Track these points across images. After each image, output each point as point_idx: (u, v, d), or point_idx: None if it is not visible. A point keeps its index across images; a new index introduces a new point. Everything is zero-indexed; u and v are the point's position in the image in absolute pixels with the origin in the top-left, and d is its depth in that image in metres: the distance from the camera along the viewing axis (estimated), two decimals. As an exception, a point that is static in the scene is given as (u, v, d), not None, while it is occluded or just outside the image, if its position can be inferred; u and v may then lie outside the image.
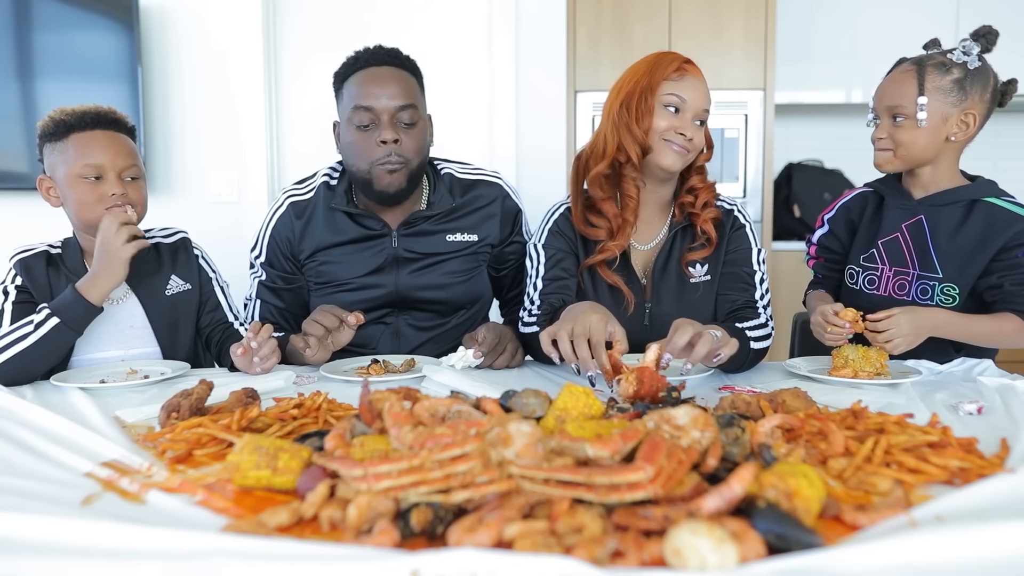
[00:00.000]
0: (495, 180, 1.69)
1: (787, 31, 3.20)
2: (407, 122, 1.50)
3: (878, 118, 1.39)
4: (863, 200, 1.52)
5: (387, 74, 1.51)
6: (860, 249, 1.48)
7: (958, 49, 1.35)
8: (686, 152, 1.44)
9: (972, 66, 1.33)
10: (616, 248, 1.47)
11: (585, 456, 0.67)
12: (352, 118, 1.50)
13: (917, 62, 1.35)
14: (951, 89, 1.33)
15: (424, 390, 1.24)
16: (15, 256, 1.46)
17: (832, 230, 1.57)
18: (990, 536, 0.59)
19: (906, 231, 1.38)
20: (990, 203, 1.35)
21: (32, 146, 1.50)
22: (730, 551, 0.54)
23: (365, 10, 3.22)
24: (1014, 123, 3.67)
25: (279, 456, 0.75)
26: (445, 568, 0.53)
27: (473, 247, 1.64)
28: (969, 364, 1.36)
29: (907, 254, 1.37)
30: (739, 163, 3.05)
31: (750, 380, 1.31)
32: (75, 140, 1.41)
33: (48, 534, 0.63)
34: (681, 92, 1.42)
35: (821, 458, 0.81)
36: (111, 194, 1.40)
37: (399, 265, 1.60)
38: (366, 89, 1.49)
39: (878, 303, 1.38)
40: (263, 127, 3.17)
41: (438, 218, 1.61)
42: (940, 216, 1.36)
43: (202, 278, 1.58)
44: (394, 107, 1.48)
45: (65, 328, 1.32)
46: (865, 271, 1.43)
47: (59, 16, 2.99)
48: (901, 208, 1.42)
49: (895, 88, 1.35)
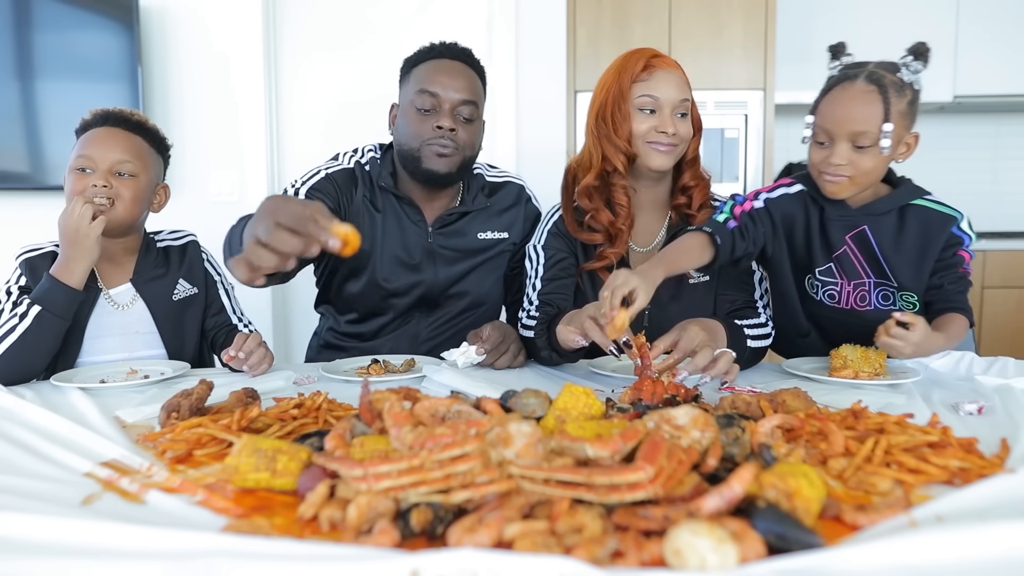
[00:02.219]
0: (519, 183, 1.76)
1: (787, 31, 3.20)
2: (467, 117, 1.55)
3: (827, 141, 1.26)
4: (803, 205, 1.38)
5: (458, 68, 1.55)
6: (808, 260, 1.38)
7: (906, 69, 1.24)
8: (672, 148, 1.43)
9: (918, 87, 1.25)
10: (614, 255, 1.47)
11: (585, 456, 0.67)
12: (415, 100, 1.53)
13: (877, 82, 1.22)
14: (907, 112, 1.25)
15: (424, 390, 1.24)
16: (21, 255, 1.46)
17: (768, 210, 1.39)
18: (990, 536, 0.59)
19: (851, 243, 1.33)
20: (919, 206, 1.32)
21: (32, 146, 1.52)
22: (730, 551, 0.54)
23: (365, 10, 3.22)
24: (1014, 123, 3.67)
25: (278, 458, 0.75)
26: (445, 568, 0.53)
27: (502, 244, 1.69)
28: (955, 357, 1.38)
29: (859, 267, 1.32)
30: (739, 163, 3.05)
31: (750, 380, 1.31)
32: (83, 136, 1.45)
33: (48, 534, 0.63)
34: (652, 91, 1.41)
35: (821, 458, 0.81)
36: (92, 185, 1.40)
37: (435, 261, 1.64)
38: (435, 76, 1.53)
39: (841, 315, 1.36)
40: (263, 127, 3.17)
41: (471, 216, 1.66)
42: (880, 225, 1.31)
43: (208, 281, 1.58)
44: (458, 99, 1.53)
45: (49, 315, 1.32)
46: (825, 286, 1.37)
47: (59, 16, 2.98)
48: (841, 220, 1.34)
49: (861, 112, 1.22)
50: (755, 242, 1.37)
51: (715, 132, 3.01)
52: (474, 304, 1.69)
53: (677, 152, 1.45)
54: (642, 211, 1.52)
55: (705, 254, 1.33)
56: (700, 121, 1.51)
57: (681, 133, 1.43)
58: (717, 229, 1.35)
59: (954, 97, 3.31)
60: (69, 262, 1.35)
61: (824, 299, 1.36)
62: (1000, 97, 3.35)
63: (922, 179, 1.38)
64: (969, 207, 3.56)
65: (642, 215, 1.53)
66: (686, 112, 1.44)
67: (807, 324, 1.42)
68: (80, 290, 1.35)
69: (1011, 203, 3.71)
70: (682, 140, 1.44)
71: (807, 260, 1.37)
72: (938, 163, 3.66)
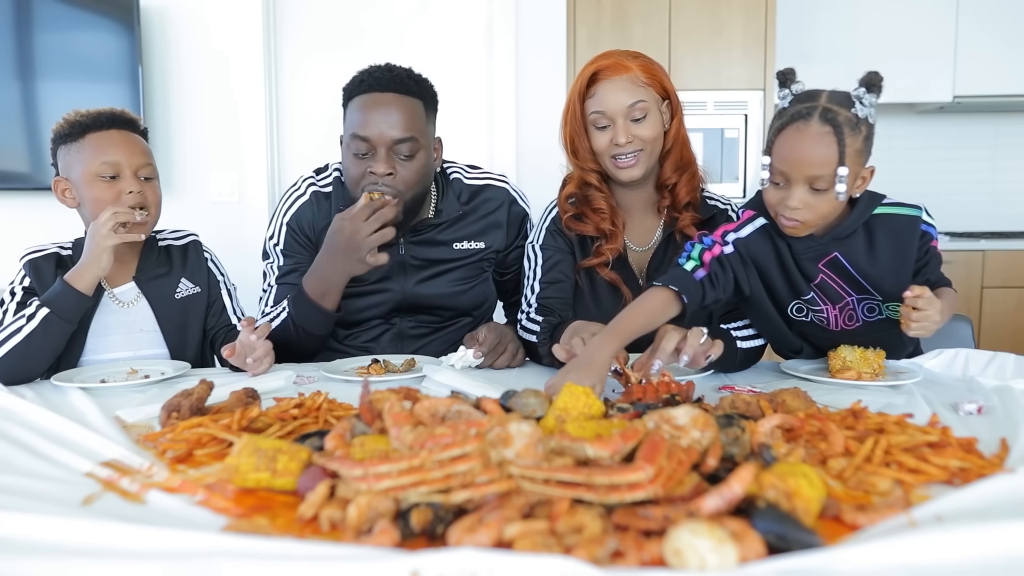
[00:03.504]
0: (502, 184, 1.68)
1: (787, 31, 3.20)
2: (406, 154, 1.45)
3: (783, 182, 1.21)
4: (771, 240, 1.33)
5: (390, 101, 1.44)
6: (789, 290, 1.34)
7: (861, 104, 1.18)
8: (636, 156, 1.41)
9: (872, 120, 1.20)
10: (611, 252, 1.46)
11: (585, 456, 0.67)
12: (350, 144, 1.46)
13: (831, 122, 1.16)
14: (862, 150, 1.20)
15: (424, 390, 1.24)
16: (25, 256, 1.46)
17: (739, 252, 1.32)
18: (990, 536, 0.59)
19: (826, 270, 1.30)
20: (881, 215, 1.28)
21: (33, 146, 1.51)
22: (730, 551, 0.54)
23: (366, 10, 3.22)
24: (1013, 123, 3.66)
25: (278, 458, 0.75)
26: (445, 568, 0.53)
27: (479, 254, 1.63)
28: (949, 356, 1.37)
29: (840, 290, 1.29)
30: (739, 163, 3.05)
31: (750, 380, 1.31)
32: (91, 140, 1.42)
33: (48, 534, 0.63)
34: (599, 106, 1.40)
35: (821, 458, 0.81)
36: (128, 192, 1.41)
37: (406, 272, 1.59)
38: (367, 116, 1.44)
39: (832, 335, 1.36)
40: (263, 127, 3.17)
41: (445, 226, 1.60)
42: (851, 247, 1.28)
43: (211, 280, 1.58)
44: (392, 138, 1.43)
45: (56, 319, 1.31)
46: (812, 311, 1.34)
47: (60, 16, 2.99)
48: (809, 251, 1.29)
49: (818, 155, 1.16)
50: (726, 289, 1.32)
51: (715, 132, 3.01)
52: (463, 311, 1.65)
53: (645, 156, 1.42)
54: (634, 211, 1.51)
55: (669, 311, 1.25)
56: (678, 108, 1.46)
57: (642, 135, 1.40)
58: (684, 282, 1.26)
59: (954, 97, 3.31)
60: (82, 267, 1.34)
61: (815, 320, 1.35)
62: (1000, 97, 3.35)
63: (922, 179, 1.37)
64: (969, 207, 3.55)
65: (635, 215, 1.52)
66: (641, 115, 1.39)
67: (799, 341, 1.42)
68: (88, 296, 1.35)
69: (1011, 203, 3.71)
70: (645, 143, 1.41)
71: (788, 290, 1.34)
72: (938, 163, 3.66)
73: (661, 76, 1.44)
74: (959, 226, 3.58)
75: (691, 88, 2.96)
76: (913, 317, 1.17)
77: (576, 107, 1.43)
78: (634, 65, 1.40)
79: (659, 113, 1.43)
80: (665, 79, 1.45)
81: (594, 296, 1.50)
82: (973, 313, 3.12)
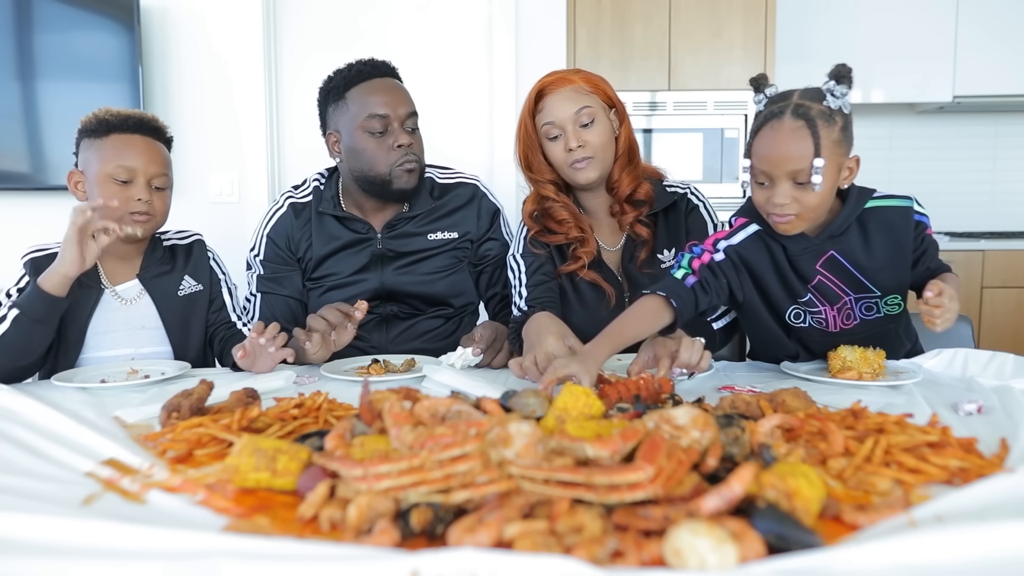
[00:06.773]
0: (472, 182, 1.78)
1: (786, 31, 3.20)
2: (413, 127, 1.62)
3: (766, 181, 1.23)
4: (764, 245, 1.34)
5: (393, 84, 1.62)
6: (787, 294, 1.35)
7: (832, 96, 1.20)
8: (590, 160, 1.46)
9: (847, 110, 1.21)
10: (586, 255, 1.51)
11: (585, 456, 0.67)
12: (365, 125, 1.57)
13: (804, 116, 1.17)
14: (841, 139, 1.20)
15: (424, 390, 1.24)
16: (27, 256, 1.46)
17: (730, 259, 1.34)
18: (990, 536, 0.59)
19: (824, 271, 1.30)
20: (874, 208, 1.29)
21: (33, 146, 1.51)
22: (730, 551, 0.54)
23: (365, 10, 3.22)
24: (1013, 123, 3.66)
25: (278, 458, 0.75)
26: (445, 568, 0.54)
27: (453, 243, 1.70)
28: (948, 356, 1.37)
29: (838, 290, 1.30)
30: (739, 163, 3.05)
31: (750, 380, 1.31)
32: (114, 140, 1.43)
33: (48, 534, 0.63)
34: (549, 117, 1.46)
35: (821, 458, 0.81)
36: (137, 199, 1.42)
37: (383, 263, 1.66)
38: (379, 98, 1.58)
39: (829, 336, 1.35)
40: (263, 127, 3.17)
41: (419, 219, 1.69)
42: (846, 244, 1.28)
43: (212, 279, 1.60)
44: (404, 113, 1.59)
45: (25, 319, 1.30)
46: (810, 315, 1.35)
47: (60, 16, 2.98)
48: (805, 252, 1.30)
49: (794, 149, 1.18)
50: (719, 294, 1.32)
51: (715, 132, 3.01)
52: (441, 300, 1.70)
53: (599, 160, 1.47)
54: (600, 214, 1.57)
55: (661, 318, 1.26)
56: (625, 115, 1.53)
57: (591, 141, 1.45)
58: (674, 289, 1.28)
59: (953, 97, 3.31)
60: (51, 268, 1.33)
61: (813, 324, 1.35)
62: (1000, 97, 3.35)
63: (922, 179, 1.38)
64: (969, 207, 3.56)
65: (601, 217, 1.57)
66: (589, 120, 1.45)
67: (794, 346, 1.42)
68: (59, 296, 1.32)
69: (1011, 203, 3.70)
70: (595, 147, 1.46)
71: (785, 294, 1.34)
72: (938, 163, 3.66)
73: (604, 86, 1.51)
74: (959, 226, 3.57)
75: (691, 88, 2.96)
76: (936, 314, 1.17)
77: (527, 124, 1.51)
78: (577, 78, 1.49)
79: (607, 120, 1.50)
80: (608, 88, 1.52)
81: (578, 296, 1.54)
82: (973, 313, 3.11)
